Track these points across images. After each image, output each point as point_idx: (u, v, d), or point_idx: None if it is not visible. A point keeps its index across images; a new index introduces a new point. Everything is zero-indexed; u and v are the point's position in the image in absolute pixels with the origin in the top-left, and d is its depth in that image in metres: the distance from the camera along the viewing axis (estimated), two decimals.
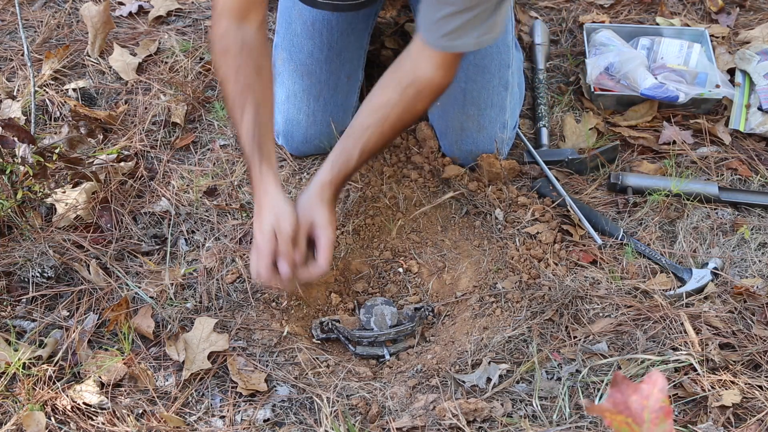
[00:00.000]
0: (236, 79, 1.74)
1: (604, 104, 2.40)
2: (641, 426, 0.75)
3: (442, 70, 1.76)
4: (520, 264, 1.97)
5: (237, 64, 1.73)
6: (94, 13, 2.51)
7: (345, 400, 1.70)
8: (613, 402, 0.76)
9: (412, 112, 1.81)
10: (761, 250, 2.01)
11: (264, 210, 1.72)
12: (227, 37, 1.73)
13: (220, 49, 1.74)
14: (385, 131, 1.81)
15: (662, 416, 0.75)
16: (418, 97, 1.78)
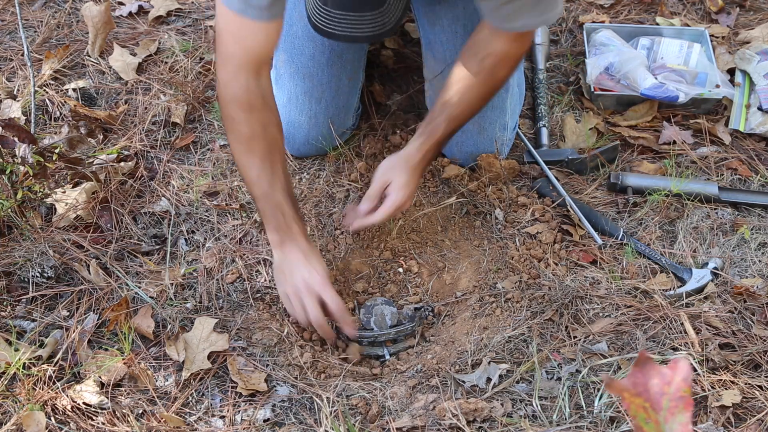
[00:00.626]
0: (264, 135, 1.75)
1: (604, 104, 2.40)
2: (658, 413, 0.72)
3: (516, 42, 1.79)
4: (520, 264, 1.97)
5: (264, 121, 1.74)
6: (95, 13, 2.51)
7: (345, 400, 1.70)
8: (633, 382, 0.73)
9: (494, 78, 1.85)
10: (761, 250, 2.01)
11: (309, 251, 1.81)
12: (250, 92, 1.71)
13: (244, 106, 1.72)
14: (471, 99, 1.86)
15: (681, 407, 0.72)
16: (497, 66, 1.82)
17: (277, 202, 1.78)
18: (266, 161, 1.76)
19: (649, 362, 0.74)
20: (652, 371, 0.74)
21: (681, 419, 0.72)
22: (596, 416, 1.64)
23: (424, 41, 2.17)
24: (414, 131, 2.25)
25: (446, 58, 2.09)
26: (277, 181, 1.78)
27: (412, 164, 1.89)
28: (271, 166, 1.77)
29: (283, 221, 1.80)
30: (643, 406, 0.73)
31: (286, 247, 1.81)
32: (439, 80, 2.13)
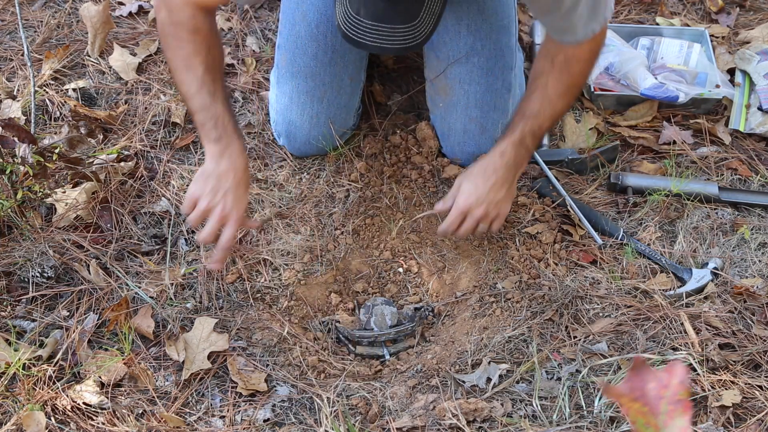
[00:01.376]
0: (207, 53, 1.75)
1: (604, 104, 2.40)
2: (657, 417, 0.72)
3: (586, 44, 1.79)
4: (520, 264, 1.97)
5: (208, 43, 1.76)
6: (94, 13, 2.51)
7: (345, 400, 1.70)
8: (630, 386, 0.73)
9: (569, 73, 1.83)
10: (761, 250, 2.01)
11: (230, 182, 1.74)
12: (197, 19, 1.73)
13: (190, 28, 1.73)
14: (548, 95, 1.85)
15: (679, 410, 0.72)
16: (570, 60, 1.81)
17: (218, 114, 1.75)
18: (207, 75, 1.75)
19: (645, 367, 0.74)
20: (649, 375, 0.74)
21: (680, 422, 0.72)
22: (596, 416, 1.64)
23: None
24: (414, 131, 2.26)
25: (449, 58, 2.09)
26: (219, 94, 1.76)
27: (486, 168, 1.86)
28: (212, 81, 1.75)
29: (224, 133, 1.76)
30: (641, 411, 0.73)
31: (223, 162, 1.76)
32: (440, 80, 2.13)
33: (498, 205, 1.87)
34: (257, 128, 2.31)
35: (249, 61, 2.51)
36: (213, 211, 1.73)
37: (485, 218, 1.87)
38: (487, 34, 2.06)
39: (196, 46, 1.74)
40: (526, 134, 1.85)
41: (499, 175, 1.85)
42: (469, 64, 2.08)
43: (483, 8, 2.05)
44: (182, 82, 1.77)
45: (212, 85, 1.75)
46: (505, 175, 1.85)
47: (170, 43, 1.76)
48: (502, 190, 1.86)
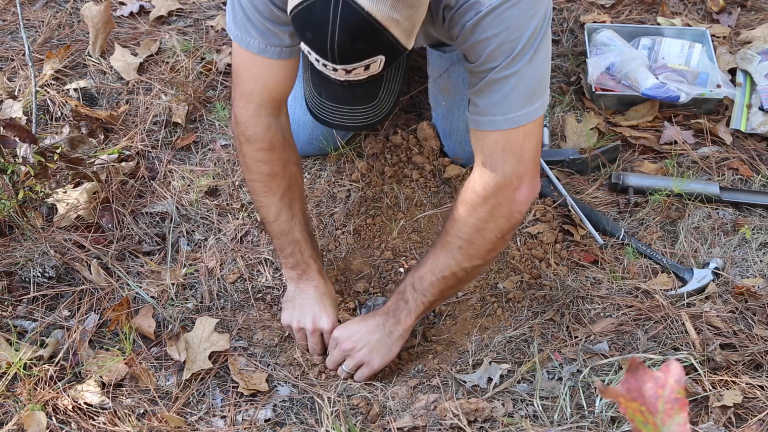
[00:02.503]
0: (284, 173, 1.75)
1: (605, 104, 2.40)
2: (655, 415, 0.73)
3: (478, 168, 1.58)
4: (522, 264, 1.97)
5: (284, 160, 1.75)
6: (95, 13, 2.51)
7: (346, 399, 1.70)
8: (627, 387, 0.74)
9: (452, 221, 1.64)
10: (762, 250, 2.01)
11: (325, 293, 1.83)
12: (271, 131, 1.71)
13: (266, 145, 1.71)
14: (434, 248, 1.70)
15: (677, 408, 0.73)
16: (454, 205, 1.65)
17: (295, 240, 1.79)
18: (285, 199, 1.77)
19: (642, 367, 0.75)
20: (645, 376, 0.74)
21: (678, 420, 0.73)
22: (597, 416, 1.64)
23: None
24: (415, 131, 2.26)
25: (452, 57, 2.09)
26: (296, 219, 1.79)
27: (368, 314, 1.82)
28: (290, 204, 1.78)
29: (301, 259, 1.81)
30: (639, 410, 0.73)
31: (302, 284, 1.83)
32: (443, 78, 2.13)
33: (367, 348, 1.75)
34: None
35: None
36: (306, 333, 1.81)
37: (350, 353, 1.76)
38: None
39: (273, 167, 1.73)
40: (406, 286, 1.72)
41: (376, 319, 1.76)
42: None
43: None
44: (261, 206, 1.79)
45: (290, 210, 1.77)
46: (381, 321, 1.75)
47: (247, 164, 1.75)
48: (374, 335, 1.75)
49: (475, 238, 1.62)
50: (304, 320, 1.81)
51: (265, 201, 1.77)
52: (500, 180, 1.55)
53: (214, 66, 2.50)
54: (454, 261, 1.65)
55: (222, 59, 2.50)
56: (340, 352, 1.78)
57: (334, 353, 1.79)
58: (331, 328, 1.80)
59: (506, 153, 1.54)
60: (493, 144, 1.55)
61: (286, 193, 1.76)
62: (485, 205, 1.58)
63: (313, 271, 1.82)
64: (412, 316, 1.73)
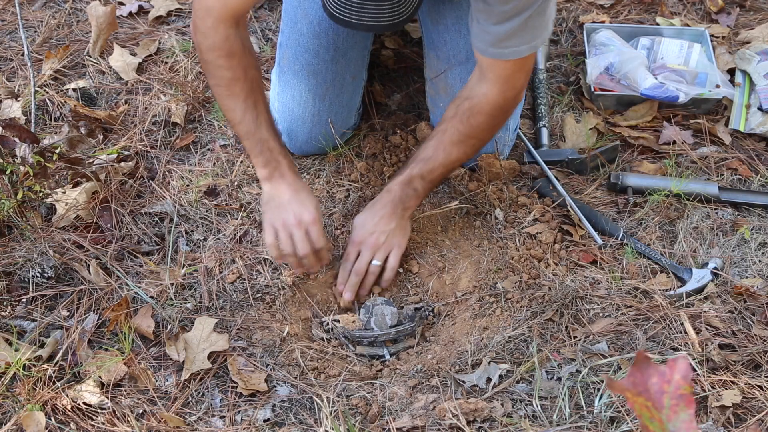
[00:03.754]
0: (245, 77, 1.81)
1: (605, 104, 2.40)
2: (660, 411, 0.72)
3: (497, 85, 1.79)
4: (520, 264, 1.97)
5: (244, 65, 1.81)
6: (101, 13, 2.52)
7: (345, 400, 1.70)
8: (633, 381, 0.74)
9: (469, 124, 1.84)
10: (761, 250, 2.01)
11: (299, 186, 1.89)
12: (230, 40, 1.77)
13: (224, 54, 1.78)
14: (443, 142, 1.88)
15: (683, 405, 0.72)
16: (473, 110, 1.83)
17: (263, 138, 1.85)
18: (249, 101, 1.82)
19: (648, 361, 0.74)
20: (651, 370, 0.74)
21: (684, 417, 0.72)
22: (596, 416, 1.64)
23: (426, 40, 2.17)
24: (414, 131, 2.26)
25: (449, 57, 2.09)
26: (262, 118, 1.85)
27: (375, 205, 1.94)
28: (254, 105, 1.83)
29: (271, 156, 1.87)
30: (646, 405, 0.73)
31: (275, 181, 1.89)
32: (440, 80, 2.13)
33: (390, 236, 1.93)
34: None
35: None
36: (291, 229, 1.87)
37: (378, 247, 1.92)
38: None
39: (234, 71, 1.79)
40: (414, 176, 1.91)
41: (387, 209, 1.92)
42: (470, 64, 2.08)
43: None
44: (227, 109, 1.86)
45: (254, 110, 1.83)
46: (392, 210, 1.92)
47: (210, 70, 1.82)
48: (392, 222, 1.92)
49: (488, 136, 1.93)
50: (287, 217, 1.87)
51: (230, 104, 1.84)
52: (516, 93, 1.83)
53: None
54: (465, 155, 1.92)
55: None
56: (368, 250, 1.92)
57: (363, 255, 1.92)
58: (313, 219, 1.87)
59: (521, 71, 1.79)
60: (513, 66, 1.75)
61: (249, 95, 1.82)
62: (503, 113, 1.86)
63: (283, 167, 1.88)
64: (419, 200, 1.96)
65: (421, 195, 1.94)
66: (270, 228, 1.90)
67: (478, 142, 1.91)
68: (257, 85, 1.85)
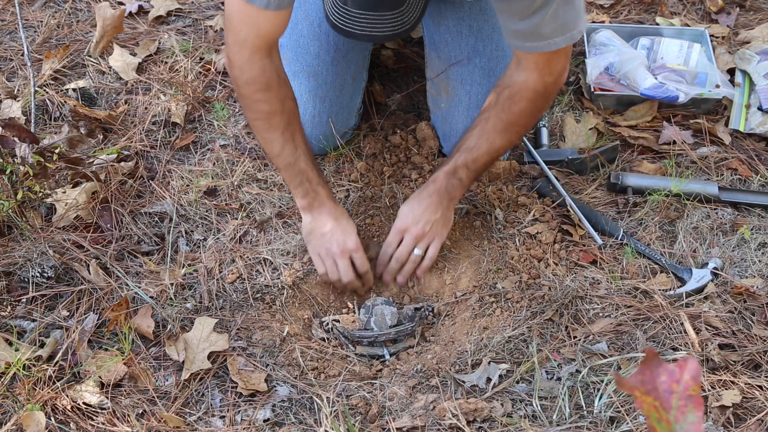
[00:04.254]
0: (283, 109, 1.82)
1: (604, 104, 2.40)
2: (668, 412, 0.71)
3: (535, 72, 1.78)
4: (520, 264, 1.97)
5: (281, 97, 1.82)
6: (109, 15, 2.52)
7: (345, 400, 1.70)
8: (641, 379, 0.72)
9: (510, 111, 1.84)
10: (761, 250, 2.01)
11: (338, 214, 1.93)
12: (266, 72, 1.77)
13: (261, 88, 1.78)
14: (486, 131, 1.88)
15: (691, 406, 0.71)
16: (515, 97, 1.82)
17: (301, 170, 1.88)
18: (287, 133, 1.85)
19: (657, 359, 0.72)
20: (660, 368, 0.72)
21: (692, 418, 0.70)
22: (596, 416, 1.64)
23: (428, 41, 2.17)
24: (414, 131, 2.26)
25: (450, 58, 2.09)
26: (300, 150, 1.87)
27: (421, 194, 1.95)
28: (292, 137, 1.86)
29: (310, 187, 1.90)
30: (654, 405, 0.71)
31: (315, 211, 1.93)
32: (442, 80, 2.13)
33: (434, 226, 1.94)
34: None
35: None
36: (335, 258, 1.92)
37: (421, 237, 1.94)
38: (488, 35, 2.06)
39: (271, 105, 1.81)
40: (458, 166, 1.91)
41: (432, 199, 1.92)
42: (471, 65, 2.08)
43: (485, 9, 2.05)
44: (265, 142, 1.89)
45: (293, 142, 1.86)
46: (438, 200, 1.92)
47: (248, 104, 1.84)
48: (437, 213, 1.93)
49: (532, 122, 1.93)
50: (330, 247, 1.92)
51: (269, 137, 1.86)
52: (556, 78, 1.80)
53: (213, 66, 2.50)
54: (509, 142, 1.93)
55: (221, 59, 2.50)
56: (412, 240, 1.93)
57: (406, 243, 1.94)
58: (356, 246, 1.92)
59: (559, 56, 1.75)
60: (551, 56, 1.73)
61: (287, 127, 1.84)
62: (545, 99, 1.85)
63: (323, 197, 1.92)
64: (464, 190, 1.95)
65: (466, 185, 1.94)
66: (317, 258, 1.95)
67: (522, 129, 1.91)
68: (294, 116, 1.86)
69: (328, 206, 1.92)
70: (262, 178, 2.17)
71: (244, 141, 2.27)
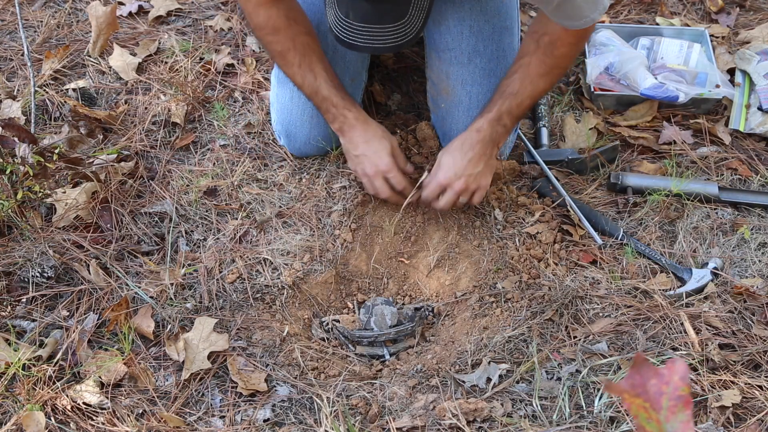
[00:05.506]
0: (294, 46, 1.93)
1: (604, 104, 2.40)
2: (659, 412, 0.73)
3: (573, 36, 1.83)
4: (520, 264, 1.97)
5: (291, 35, 1.92)
6: (101, 13, 2.51)
7: (345, 400, 1.70)
8: (631, 383, 0.74)
9: (553, 55, 1.87)
10: (761, 250, 2.01)
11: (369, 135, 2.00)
12: (271, 18, 1.89)
13: (270, 31, 1.91)
14: (529, 74, 1.90)
15: (681, 406, 0.73)
16: (556, 43, 1.86)
17: (324, 97, 1.97)
18: (304, 65, 1.95)
19: (646, 363, 0.75)
20: (650, 372, 0.74)
21: (681, 417, 0.72)
22: (596, 416, 1.64)
23: (428, 40, 2.17)
24: (414, 131, 2.26)
25: (451, 58, 2.09)
26: (320, 78, 1.96)
27: (464, 144, 1.95)
28: (310, 68, 1.95)
29: (337, 112, 1.99)
30: (643, 407, 0.73)
31: (346, 134, 2.01)
32: (442, 80, 2.13)
33: (477, 178, 1.96)
34: (257, 128, 2.31)
35: (249, 61, 2.51)
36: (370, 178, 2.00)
37: (465, 191, 1.97)
38: (489, 36, 2.06)
39: (282, 44, 1.92)
40: (503, 112, 1.93)
41: (476, 150, 1.94)
42: (471, 65, 2.08)
43: (485, 9, 2.05)
44: (289, 77, 2.00)
45: (311, 72, 1.95)
46: (482, 150, 1.94)
47: (264, 45, 2.00)
48: (480, 164, 1.95)
49: (571, 64, 2.02)
50: (364, 168, 2.00)
51: (288, 71, 1.98)
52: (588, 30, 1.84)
53: (212, 66, 2.50)
54: (550, 84, 1.96)
55: (221, 59, 2.50)
56: (454, 194, 1.96)
57: (448, 196, 1.96)
58: (388, 167, 1.98)
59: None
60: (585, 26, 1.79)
61: (302, 60, 1.94)
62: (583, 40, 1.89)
63: (351, 120, 1.99)
64: (507, 135, 1.99)
65: (510, 129, 1.97)
66: (357, 175, 2.05)
67: (562, 71, 1.95)
68: (309, 49, 1.94)
69: (359, 129, 1.99)
70: (262, 178, 2.17)
71: (244, 141, 2.27)
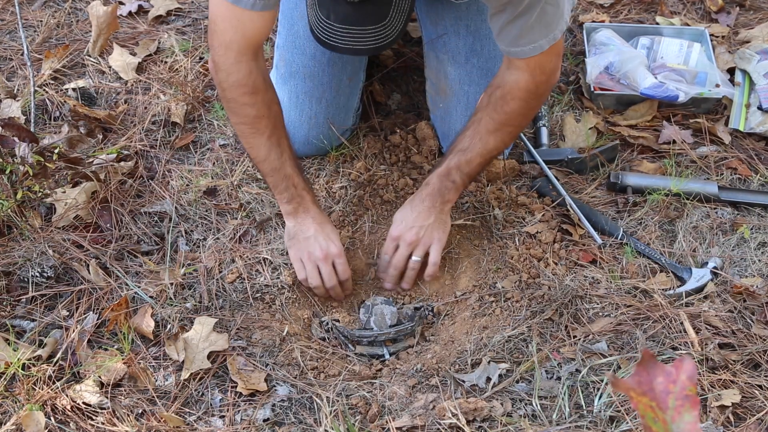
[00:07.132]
0: (269, 114, 1.81)
1: (604, 104, 2.40)
2: (665, 412, 0.71)
3: (526, 72, 1.77)
4: (520, 263, 1.97)
5: (267, 101, 1.81)
6: (101, 12, 2.51)
7: (345, 399, 1.70)
8: (638, 380, 0.73)
9: (503, 111, 1.82)
10: (761, 250, 2.01)
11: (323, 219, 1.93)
12: (253, 76, 1.75)
13: (249, 91, 1.76)
14: (479, 131, 1.86)
15: (688, 406, 0.71)
16: (504, 99, 1.81)
17: (287, 175, 1.87)
18: (273, 138, 1.83)
19: (653, 361, 0.73)
20: (657, 370, 0.73)
21: (688, 418, 0.71)
22: (596, 416, 1.64)
23: (426, 40, 2.17)
24: (414, 131, 2.26)
25: (449, 58, 2.09)
26: (286, 155, 1.86)
27: (414, 199, 1.94)
28: (278, 142, 1.84)
29: (295, 192, 1.89)
30: (650, 406, 0.72)
31: (300, 216, 1.92)
32: (441, 80, 2.13)
33: (429, 230, 1.92)
34: None
35: None
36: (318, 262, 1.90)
37: (417, 243, 1.93)
38: (486, 35, 2.06)
39: (258, 109, 1.79)
40: (452, 168, 1.90)
41: (426, 203, 1.92)
42: (469, 65, 2.08)
43: (482, 9, 2.05)
44: (251, 147, 1.86)
45: (278, 147, 1.84)
46: (431, 203, 1.91)
47: (233, 108, 1.81)
48: (430, 217, 1.92)
49: (525, 122, 1.94)
50: (313, 251, 1.90)
51: (255, 142, 1.84)
52: (548, 77, 1.79)
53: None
54: (502, 143, 1.90)
55: None
56: (406, 247, 1.93)
57: (401, 250, 1.93)
58: (339, 252, 1.91)
59: (550, 56, 1.74)
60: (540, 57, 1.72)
61: (273, 132, 1.83)
62: (537, 98, 1.83)
63: (307, 202, 1.91)
64: (458, 192, 1.93)
65: (460, 187, 1.93)
66: (298, 262, 1.93)
67: (515, 129, 1.90)
68: (280, 121, 1.85)
69: (313, 212, 1.91)
70: (262, 178, 2.17)
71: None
